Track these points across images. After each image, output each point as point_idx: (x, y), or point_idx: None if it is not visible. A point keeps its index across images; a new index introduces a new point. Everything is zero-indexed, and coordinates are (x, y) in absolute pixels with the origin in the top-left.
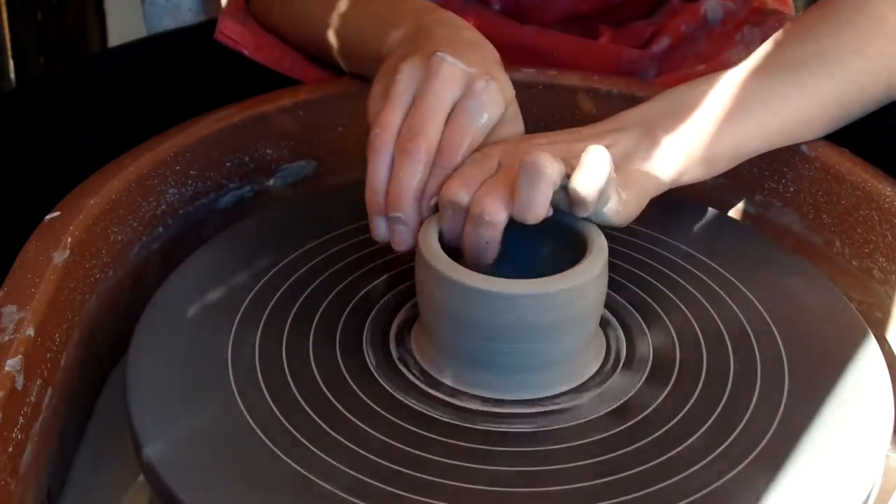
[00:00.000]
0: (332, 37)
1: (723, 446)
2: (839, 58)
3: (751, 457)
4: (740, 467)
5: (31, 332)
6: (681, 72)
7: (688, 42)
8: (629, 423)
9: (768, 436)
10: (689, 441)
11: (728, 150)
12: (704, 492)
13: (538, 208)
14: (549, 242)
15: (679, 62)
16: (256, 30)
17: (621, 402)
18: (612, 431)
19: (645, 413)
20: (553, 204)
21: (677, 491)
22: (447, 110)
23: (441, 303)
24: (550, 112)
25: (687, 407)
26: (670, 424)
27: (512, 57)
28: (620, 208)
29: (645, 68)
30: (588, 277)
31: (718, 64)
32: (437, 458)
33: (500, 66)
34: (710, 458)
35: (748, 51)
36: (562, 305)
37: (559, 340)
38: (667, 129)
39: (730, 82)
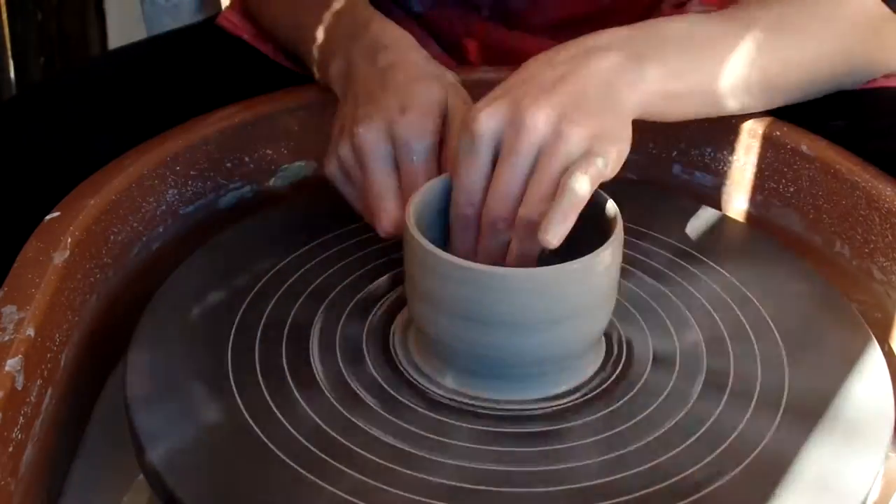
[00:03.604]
0: (296, 52)
1: (722, 446)
2: (798, 22)
3: (751, 457)
4: (741, 467)
5: (31, 332)
6: None
7: None
8: (628, 424)
9: (768, 436)
10: (689, 441)
11: (700, 88)
12: (704, 492)
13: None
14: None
15: None
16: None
17: (620, 403)
18: (610, 432)
19: (644, 414)
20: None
21: (677, 491)
22: (385, 170)
23: (435, 290)
24: None
25: (687, 407)
26: (670, 425)
27: (500, 64)
28: (613, 166)
29: None
30: (596, 266)
31: None
32: (438, 459)
33: (427, 72)
34: (709, 458)
35: None
36: (570, 292)
37: (564, 334)
38: (651, 57)
39: (704, 25)
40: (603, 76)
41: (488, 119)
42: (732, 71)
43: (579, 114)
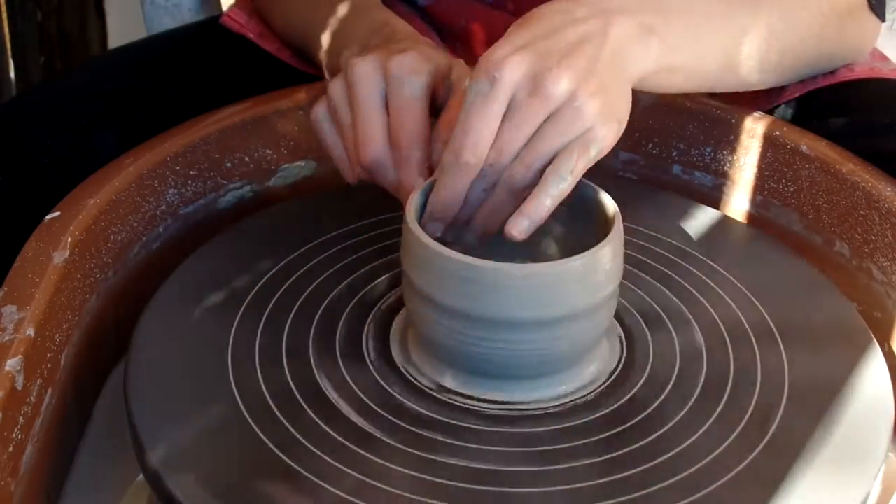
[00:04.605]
0: (307, 48)
1: (722, 447)
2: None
3: (750, 458)
4: (740, 468)
5: (31, 332)
6: None
7: None
8: (627, 425)
9: (768, 436)
10: (689, 441)
11: (693, 64)
12: (704, 492)
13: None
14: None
15: None
16: (262, 20)
17: (620, 403)
18: (610, 433)
19: (643, 415)
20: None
21: (677, 492)
22: (375, 103)
23: (433, 286)
24: None
25: (686, 408)
26: (670, 425)
27: None
28: (608, 146)
29: None
30: (595, 263)
31: None
32: (438, 458)
33: (434, 50)
34: (708, 459)
35: None
36: (571, 291)
37: (564, 333)
38: (656, 29)
39: None
40: (617, 44)
41: (513, 69)
42: (727, 49)
43: (594, 84)
